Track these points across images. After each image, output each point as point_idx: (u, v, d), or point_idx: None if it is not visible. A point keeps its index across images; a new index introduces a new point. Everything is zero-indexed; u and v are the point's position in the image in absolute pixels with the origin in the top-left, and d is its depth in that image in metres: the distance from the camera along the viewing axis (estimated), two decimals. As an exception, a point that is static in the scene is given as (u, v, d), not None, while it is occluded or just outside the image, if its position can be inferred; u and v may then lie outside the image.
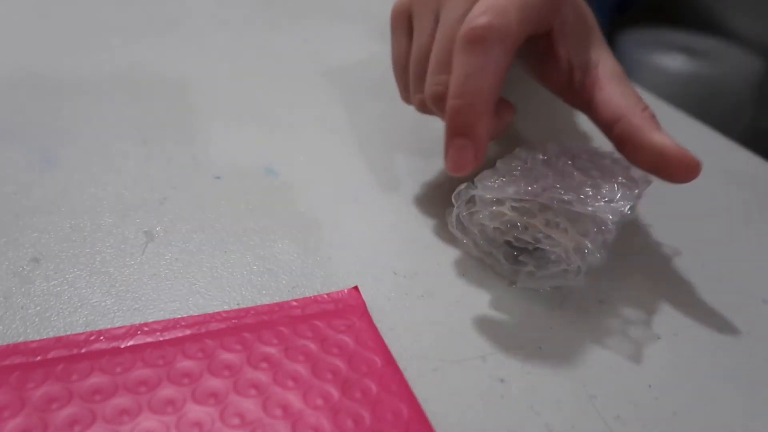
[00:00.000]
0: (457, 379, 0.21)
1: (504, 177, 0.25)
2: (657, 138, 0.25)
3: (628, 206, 0.24)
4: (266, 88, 0.39)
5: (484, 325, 0.23)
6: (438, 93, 0.25)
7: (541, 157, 0.27)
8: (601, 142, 0.30)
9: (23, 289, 0.23)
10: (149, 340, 0.21)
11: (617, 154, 0.27)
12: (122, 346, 0.20)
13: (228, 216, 0.27)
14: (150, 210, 0.27)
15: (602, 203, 0.24)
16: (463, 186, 0.25)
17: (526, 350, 0.22)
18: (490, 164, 0.26)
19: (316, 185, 0.30)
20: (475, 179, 0.25)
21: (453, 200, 0.25)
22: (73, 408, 0.18)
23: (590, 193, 0.24)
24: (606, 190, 0.25)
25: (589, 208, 0.23)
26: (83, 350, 0.20)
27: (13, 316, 0.22)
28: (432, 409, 0.20)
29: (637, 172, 0.27)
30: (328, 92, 0.39)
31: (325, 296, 0.23)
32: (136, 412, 0.18)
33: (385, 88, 0.40)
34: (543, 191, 0.24)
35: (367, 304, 0.23)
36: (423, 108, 0.28)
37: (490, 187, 0.24)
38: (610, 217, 0.23)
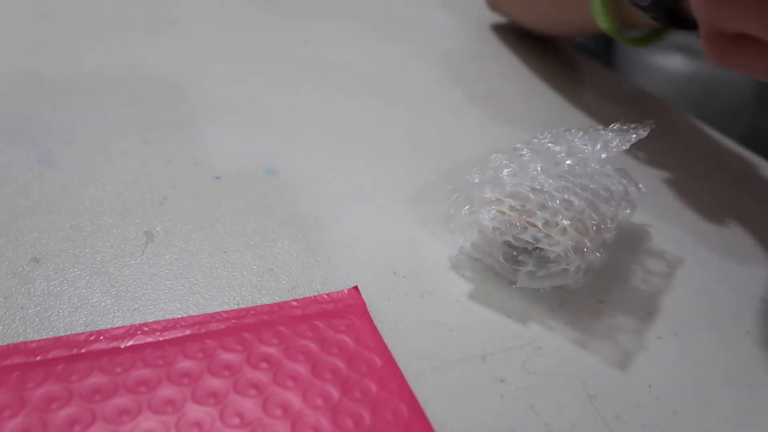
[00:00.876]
0: (457, 379, 0.21)
1: (485, 172, 0.25)
2: None
3: (609, 152, 0.25)
4: (266, 88, 0.39)
5: (484, 325, 0.23)
6: None
7: (526, 147, 0.27)
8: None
9: (23, 289, 0.23)
10: (149, 340, 0.21)
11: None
12: (122, 346, 0.20)
13: (228, 216, 0.27)
14: (150, 210, 0.27)
15: (577, 158, 0.24)
16: (451, 187, 0.25)
17: (526, 350, 0.22)
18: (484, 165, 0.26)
19: (316, 185, 0.30)
20: (467, 179, 0.25)
21: (451, 200, 0.25)
22: (73, 408, 0.18)
23: (564, 155, 0.25)
24: (587, 148, 0.25)
25: (565, 167, 0.24)
26: (83, 350, 0.20)
27: (13, 316, 0.22)
28: (432, 409, 0.20)
29: (627, 129, 0.27)
30: (327, 92, 0.39)
31: (325, 296, 0.23)
32: (136, 412, 0.18)
33: (384, 88, 0.40)
34: (521, 171, 0.24)
35: (367, 304, 0.23)
36: None
37: (478, 182, 0.25)
38: (596, 167, 0.24)
